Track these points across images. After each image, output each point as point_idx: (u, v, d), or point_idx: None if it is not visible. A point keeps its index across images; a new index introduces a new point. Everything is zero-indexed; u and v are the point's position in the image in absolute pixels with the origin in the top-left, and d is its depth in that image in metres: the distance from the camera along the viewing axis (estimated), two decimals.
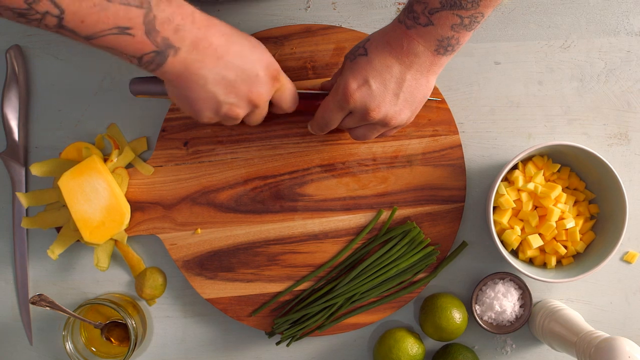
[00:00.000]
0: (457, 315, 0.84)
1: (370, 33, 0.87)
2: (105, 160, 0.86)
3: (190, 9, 0.64)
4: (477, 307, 0.86)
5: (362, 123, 0.73)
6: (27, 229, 0.89)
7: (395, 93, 0.70)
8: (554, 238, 0.83)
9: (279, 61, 0.86)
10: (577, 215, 0.84)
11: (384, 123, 0.73)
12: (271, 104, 0.75)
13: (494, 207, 0.84)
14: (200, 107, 0.68)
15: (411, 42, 0.68)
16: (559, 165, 0.85)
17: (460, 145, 0.87)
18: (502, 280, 0.86)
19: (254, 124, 0.75)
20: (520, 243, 0.84)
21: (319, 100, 0.79)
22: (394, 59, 0.69)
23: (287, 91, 0.74)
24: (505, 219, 0.83)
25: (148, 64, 0.63)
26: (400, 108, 0.71)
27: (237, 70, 0.67)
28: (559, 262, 0.85)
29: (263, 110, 0.73)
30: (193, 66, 0.64)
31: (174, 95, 0.68)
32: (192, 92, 0.66)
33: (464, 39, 0.68)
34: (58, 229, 0.87)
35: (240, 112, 0.70)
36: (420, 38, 0.67)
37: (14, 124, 0.87)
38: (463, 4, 0.64)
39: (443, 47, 0.68)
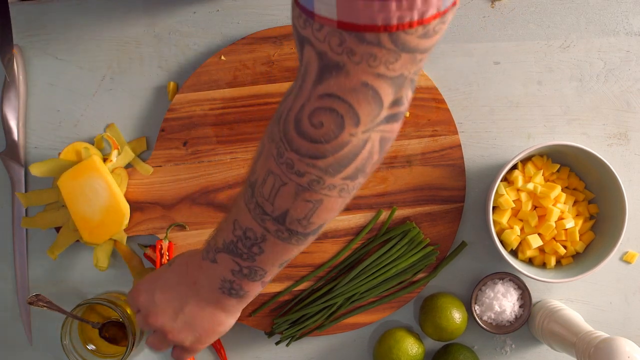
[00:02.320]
0: (457, 315, 0.84)
1: None
2: (104, 160, 0.86)
3: None
4: (476, 307, 0.86)
5: (146, 325, 0.70)
6: (26, 229, 0.89)
7: (175, 311, 0.68)
8: (554, 238, 0.83)
9: (278, 61, 0.86)
10: (577, 215, 0.84)
11: (162, 334, 0.69)
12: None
13: (494, 207, 0.84)
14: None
15: (200, 272, 0.66)
16: (559, 165, 0.85)
17: (459, 145, 0.87)
18: (501, 281, 0.86)
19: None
20: (520, 243, 0.84)
21: None
22: (184, 280, 0.67)
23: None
24: (504, 219, 0.83)
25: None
26: (179, 328, 0.68)
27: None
28: (558, 262, 0.85)
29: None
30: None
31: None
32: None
33: (251, 288, 0.65)
34: (57, 229, 0.87)
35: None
36: (207, 272, 0.65)
37: (13, 124, 0.87)
38: (239, 253, 0.62)
39: (226, 288, 0.65)
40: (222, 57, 0.86)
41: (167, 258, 0.87)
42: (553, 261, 0.84)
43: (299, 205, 0.56)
